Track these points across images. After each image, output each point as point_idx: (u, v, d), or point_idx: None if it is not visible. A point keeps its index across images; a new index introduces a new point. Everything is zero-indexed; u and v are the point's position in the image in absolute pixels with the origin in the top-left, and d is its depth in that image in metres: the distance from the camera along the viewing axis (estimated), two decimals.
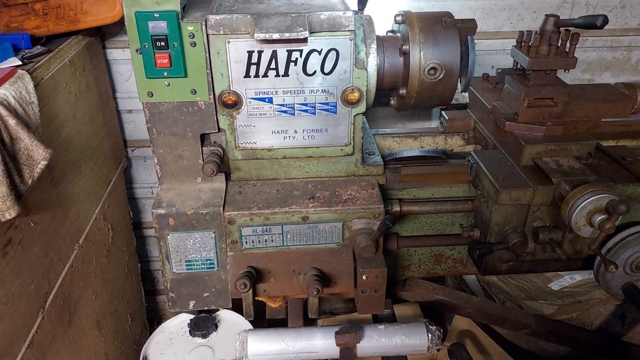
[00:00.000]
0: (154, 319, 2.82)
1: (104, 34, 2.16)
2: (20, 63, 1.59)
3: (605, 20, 1.32)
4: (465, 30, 1.43)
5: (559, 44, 1.47)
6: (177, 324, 2.11)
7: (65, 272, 1.76)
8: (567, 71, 1.52)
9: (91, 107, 2.01)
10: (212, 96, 1.36)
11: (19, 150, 1.39)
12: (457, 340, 2.29)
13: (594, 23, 1.33)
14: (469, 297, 2.00)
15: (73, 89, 1.85)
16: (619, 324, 2.34)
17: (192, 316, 2.08)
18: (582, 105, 1.53)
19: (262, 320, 1.97)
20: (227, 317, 2.11)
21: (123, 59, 2.22)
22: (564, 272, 2.49)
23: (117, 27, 2.14)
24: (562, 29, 1.47)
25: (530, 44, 1.49)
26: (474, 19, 1.45)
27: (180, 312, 2.12)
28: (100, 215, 2.08)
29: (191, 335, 2.04)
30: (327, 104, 1.40)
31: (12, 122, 1.36)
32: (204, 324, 2.04)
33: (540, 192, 1.39)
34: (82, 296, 1.88)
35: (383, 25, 1.87)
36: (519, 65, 1.57)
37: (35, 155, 1.42)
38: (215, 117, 1.39)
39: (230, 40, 1.29)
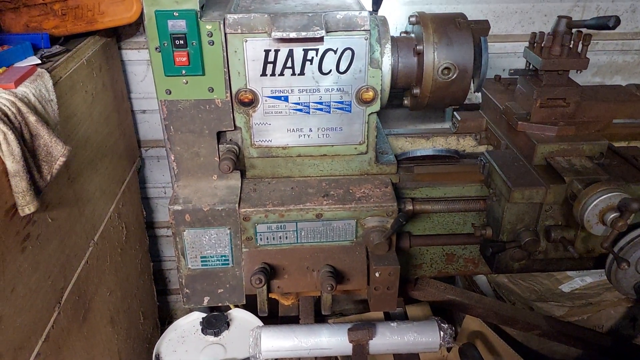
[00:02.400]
0: (165, 318, 2.84)
1: (119, 35, 2.19)
2: (39, 62, 1.62)
3: (618, 21, 1.33)
4: (478, 31, 1.45)
5: (571, 45, 1.48)
6: (190, 322, 2.13)
7: (81, 268, 1.78)
8: (579, 72, 1.53)
9: (107, 107, 2.05)
10: (229, 94, 1.39)
11: (39, 147, 1.42)
12: (468, 341, 2.29)
13: (606, 24, 1.34)
14: (480, 297, 2.01)
15: (90, 89, 1.88)
16: (630, 326, 2.33)
17: (204, 314, 2.10)
18: (594, 106, 1.55)
19: (273, 318, 1.99)
20: (239, 316, 2.13)
21: (138, 60, 2.25)
22: (574, 274, 2.48)
23: (133, 29, 2.18)
24: (574, 30, 1.48)
25: (542, 44, 1.50)
26: (487, 20, 1.47)
27: (193, 310, 2.14)
28: (115, 214, 2.10)
29: (203, 334, 2.06)
30: (341, 102, 1.42)
31: (32, 119, 1.39)
32: (216, 322, 2.06)
33: (553, 191, 1.40)
34: (96, 293, 1.90)
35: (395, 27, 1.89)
36: (531, 66, 1.58)
37: (54, 151, 1.45)
38: (231, 115, 1.42)
39: (247, 39, 1.32)
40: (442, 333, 1.53)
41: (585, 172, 1.42)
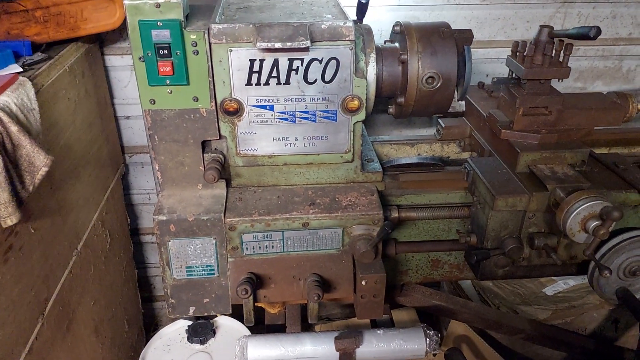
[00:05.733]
0: (150, 325, 2.82)
1: (102, 41, 2.17)
2: (21, 70, 1.60)
3: (598, 31, 1.35)
4: (462, 40, 1.46)
5: (553, 54, 1.50)
6: (175, 330, 2.12)
7: (64, 278, 1.76)
8: (560, 80, 1.56)
9: (90, 114, 2.03)
10: (213, 103, 1.38)
11: (21, 157, 1.40)
12: (454, 345, 2.31)
13: (587, 34, 1.36)
14: (465, 302, 2.03)
15: (72, 96, 1.86)
16: (612, 328, 2.37)
17: (190, 322, 2.09)
18: (575, 114, 1.57)
19: (260, 326, 1.98)
20: (225, 324, 2.13)
21: (121, 66, 2.23)
22: (558, 277, 2.51)
23: (116, 34, 2.16)
24: (556, 39, 1.50)
25: (525, 54, 1.52)
26: (470, 30, 1.48)
27: (180, 318, 2.13)
28: (99, 222, 2.08)
29: (189, 342, 2.05)
30: (327, 111, 1.42)
31: (14, 128, 1.37)
32: (202, 330, 2.05)
33: (536, 199, 1.42)
34: (80, 302, 1.88)
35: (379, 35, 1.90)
36: (514, 75, 1.60)
37: (37, 161, 1.43)
38: (216, 124, 1.41)
39: (232, 48, 1.31)
40: (427, 340, 1.54)
41: (567, 179, 1.44)
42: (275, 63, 1.34)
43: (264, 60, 1.33)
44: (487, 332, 2.29)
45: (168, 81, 1.33)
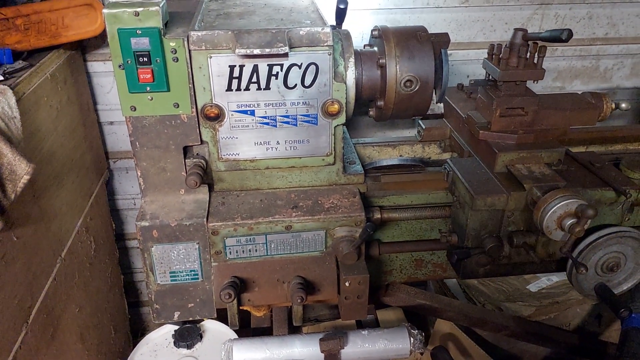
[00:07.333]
0: (137, 331, 2.81)
1: (84, 47, 2.17)
2: (1, 78, 1.60)
3: (570, 34, 1.38)
4: (439, 43, 1.48)
5: (527, 57, 1.53)
6: (162, 335, 2.12)
7: (48, 285, 1.75)
8: (535, 82, 1.59)
9: (72, 120, 2.02)
10: (194, 109, 1.39)
11: (2, 166, 1.40)
12: (440, 344, 2.33)
13: (559, 37, 1.39)
14: (449, 300, 2.05)
15: (54, 103, 1.86)
16: (595, 323, 2.40)
17: (176, 327, 2.09)
18: (551, 114, 1.60)
19: (247, 329, 1.99)
20: (212, 327, 2.13)
21: (104, 72, 2.23)
22: (541, 274, 2.55)
23: (98, 41, 2.16)
24: (530, 42, 1.53)
25: (500, 56, 1.55)
26: (447, 33, 1.50)
27: (165, 323, 2.13)
28: (83, 228, 2.08)
29: (176, 346, 2.05)
30: (308, 115, 1.44)
31: None
32: (188, 335, 2.05)
33: (514, 198, 1.44)
34: (65, 310, 1.87)
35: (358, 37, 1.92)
36: (490, 77, 1.63)
37: (18, 170, 1.43)
38: (198, 129, 1.42)
39: (212, 55, 1.32)
40: (412, 339, 1.56)
41: (544, 179, 1.47)
42: (255, 69, 1.35)
43: (244, 66, 1.34)
44: (473, 329, 2.32)
45: (148, 88, 1.34)
